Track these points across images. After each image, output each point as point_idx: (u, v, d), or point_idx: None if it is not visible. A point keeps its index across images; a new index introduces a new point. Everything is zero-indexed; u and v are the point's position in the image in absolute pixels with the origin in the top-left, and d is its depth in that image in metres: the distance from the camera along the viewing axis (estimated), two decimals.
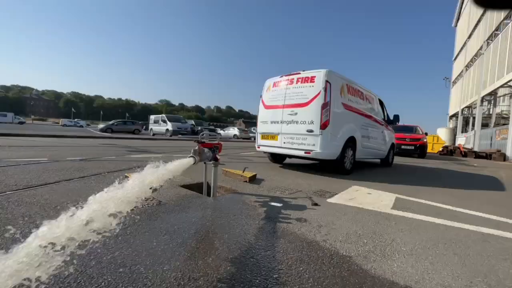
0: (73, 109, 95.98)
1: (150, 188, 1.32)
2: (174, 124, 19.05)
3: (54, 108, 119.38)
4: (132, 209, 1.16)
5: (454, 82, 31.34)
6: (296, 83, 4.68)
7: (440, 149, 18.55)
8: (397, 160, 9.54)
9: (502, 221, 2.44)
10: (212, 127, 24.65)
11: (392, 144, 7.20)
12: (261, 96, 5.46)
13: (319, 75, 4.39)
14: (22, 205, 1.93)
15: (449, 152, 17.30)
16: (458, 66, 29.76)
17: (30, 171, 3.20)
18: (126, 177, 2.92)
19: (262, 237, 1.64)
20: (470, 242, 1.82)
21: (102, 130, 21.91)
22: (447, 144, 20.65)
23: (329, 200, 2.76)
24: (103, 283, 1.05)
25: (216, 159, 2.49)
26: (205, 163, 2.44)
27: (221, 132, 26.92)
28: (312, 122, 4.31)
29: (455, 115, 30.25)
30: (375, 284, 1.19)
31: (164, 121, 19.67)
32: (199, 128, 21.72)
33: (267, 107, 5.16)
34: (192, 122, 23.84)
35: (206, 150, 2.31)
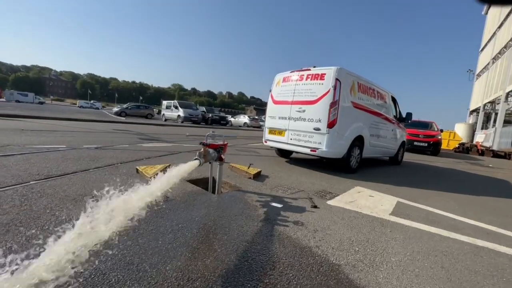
0: (89, 91, 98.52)
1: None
2: (186, 111, 19.27)
3: (71, 89, 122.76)
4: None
5: (479, 75, 29.62)
6: (306, 79, 4.64)
7: (456, 146, 17.95)
8: (408, 157, 9.38)
9: (501, 233, 2.46)
10: (223, 114, 24.72)
11: (403, 142, 7.08)
12: (270, 90, 5.46)
13: (329, 72, 4.34)
14: (44, 196, 2.13)
15: (465, 149, 16.72)
16: (484, 58, 27.98)
17: (50, 159, 3.44)
18: (137, 170, 3.10)
19: (258, 240, 1.76)
20: (461, 255, 1.88)
21: (116, 113, 22.52)
22: (464, 141, 19.90)
23: (329, 202, 2.84)
24: (113, 279, 1.21)
25: (221, 159, 2.60)
26: (210, 162, 2.55)
27: (232, 119, 27.03)
28: (319, 121, 4.32)
29: (476, 110, 28.84)
30: None
31: (176, 107, 19.93)
32: (210, 115, 21.87)
33: (275, 102, 5.17)
34: (203, 108, 23.98)
35: (211, 151, 2.42)
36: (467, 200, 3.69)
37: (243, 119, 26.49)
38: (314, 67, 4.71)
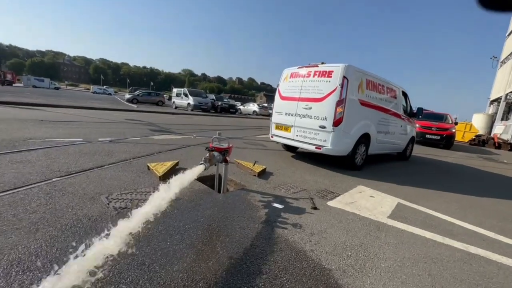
0: (102, 76, 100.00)
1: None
2: (196, 99, 19.42)
3: (84, 74, 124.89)
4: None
5: (503, 62, 27.83)
6: (313, 76, 4.62)
7: (471, 138, 17.36)
8: (418, 150, 9.24)
9: (498, 239, 2.51)
10: (232, 102, 24.74)
11: (412, 138, 6.98)
12: (277, 86, 5.47)
13: (337, 70, 4.30)
14: (65, 195, 2.35)
15: (481, 142, 16.18)
16: (510, 43, 26.18)
17: (69, 154, 3.69)
18: (148, 167, 3.29)
19: (258, 243, 1.91)
20: (451, 263, 1.97)
21: (128, 100, 22.99)
22: (480, 133, 19.17)
23: (329, 203, 2.95)
24: (128, 279, 1.39)
25: (226, 161, 2.73)
26: (215, 164, 2.69)
27: (241, 107, 27.01)
28: (325, 119, 4.34)
29: (497, 100, 27.40)
30: None
31: (186, 95, 20.09)
32: (219, 103, 21.95)
33: (283, 98, 5.20)
34: (213, 96, 24.04)
35: (216, 154, 2.55)
36: (471, 202, 3.71)
37: (252, 107, 26.41)
38: (323, 63, 4.67)
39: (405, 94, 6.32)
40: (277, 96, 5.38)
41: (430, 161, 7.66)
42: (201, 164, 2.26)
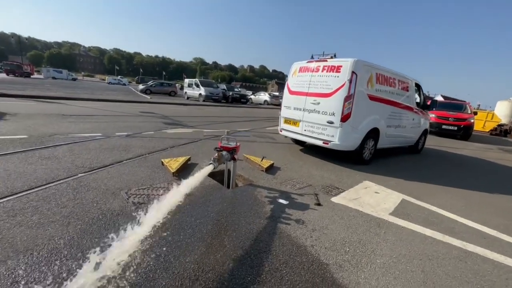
0: (116, 67, 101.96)
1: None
2: (207, 89, 19.59)
3: (99, 64, 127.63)
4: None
5: None
6: (322, 71, 4.61)
7: (493, 128, 16.58)
8: (433, 142, 9.03)
9: (500, 238, 2.56)
10: (243, 92, 24.73)
11: (425, 131, 6.84)
12: (286, 80, 5.50)
13: (346, 65, 4.27)
14: (90, 190, 2.61)
15: (503, 132, 15.48)
16: None
17: (90, 150, 3.98)
18: (162, 163, 3.51)
19: (262, 238, 2.09)
20: (446, 260, 2.07)
21: (142, 91, 23.58)
22: (503, 122, 18.21)
23: (333, 199, 3.07)
24: (148, 268, 1.61)
25: (234, 159, 2.89)
26: (224, 162, 2.86)
27: (252, 97, 26.95)
28: (333, 114, 4.38)
29: None
30: None
31: (197, 85, 20.29)
32: (230, 93, 22.03)
33: (291, 92, 5.24)
34: (224, 86, 24.11)
35: (224, 153, 2.71)
36: (479, 199, 3.71)
37: (263, 96, 26.28)
38: (332, 57, 4.64)
39: (418, 86, 6.16)
40: (286, 91, 5.42)
41: (443, 154, 7.50)
42: (210, 163, 2.43)
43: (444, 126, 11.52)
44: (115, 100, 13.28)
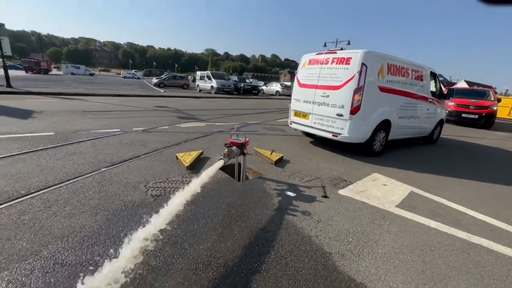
0: (130, 61, 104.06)
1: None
2: (218, 81, 19.73)
3: (114, 59, 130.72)
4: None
5: None
6: (331, 63, 4.59)
7: None
8: (451, 131, 8.73)
9: (508, 230, 2.56)
10: (255, 83, 24.67)
11: (440, 121, 6.64)
12: (296, 72, 5.51)
13: (356, 56, 4.23)
14: (113, 183, 2.86)
15: None
16: None
17: (111, 145, 4.26)
18: (177, 157, 3.71)
19: (269, 228, 2.24)
20: (448, 251, 2.13)
21: (156, 84, 24.16)
22: None
23: (340, 191, 3.16)
24: (166, 253, 1.81)
25: (243, 154, 3.03)
26: (234, 157, 3.01)
27: (264, 88, 26.80)
28: (342, 107, 4.38)
29: None
30: (337, 278, 1.72)
31: (209, 78, 20.45)
32: (242, 85, 22.06)
33: (301, 85, 5.25)
34: (235, 78, 24.13)
35: (234, 148, 2.85)
36: (493, 191, 3.65)
37: (275, 87, 26.04)
38: (341, 49, 4.60)
39: (434, 75, 5.96)
40: (295, 84, 5.45)
41: (460, 144, 7.26)
42: (221, 159, 2.59)
43: (464, 115, 11.04)
44: (130, 95, 13.75)
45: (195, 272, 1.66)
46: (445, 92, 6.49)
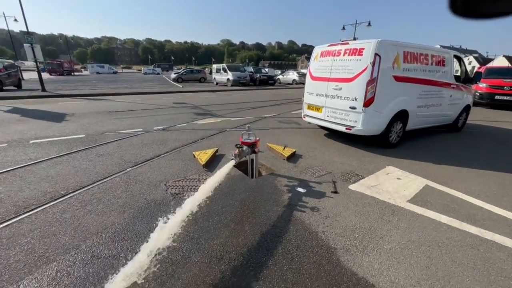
0: (149, 56, 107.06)
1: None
2: (234, 74, 19.80)
3: (135, 55, 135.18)
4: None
5: None
6: (344, 55, 4.50)
7: None
8: (482, 115, 8.16)
9: None
10: (271, 73, 24.34)
11: (466, 107, 6.24)
12: (309, 65, 5.46)
13: (368, 47, 4.11)
14: (137, 183, 3.15)
15: None
16: None
17: (134, 145, 4.61)
18: (194, 155, 3.94)
19: (278, 224, 2.39)
20: (457, 247, 2.14)
21: (174, 79, 24.83)
22: None
23: (351, 186, 3.21)
24: (184, 248, 2.04)
25: (254, 152, 3.17)
26: (245, 156, 3.16)
27: (280, 77, 26.43)
28: (355, 99, 4.32)
29: None
30: (340, 272, 1.84)
31: (225, 70, 20.58)
32: (258, 75, 21.95)
33: (313, 78, 5.22)
34: (251, 69, 24.01)
35: (245, 148, 3.00)
36: None
37: (292, 76, 25.58)
38: (354, 39, 4.47)
39: (459, 59, 5.59)
40: (308, 77, 5.41)
41: (489, 130, 6.79)
42: (232, 159, 2.75)
43: (497, 97, 10.19)
44: (151, 92, 14.34)
45: (209, 265, 1.87)
46: (473, 76, 6.05)
